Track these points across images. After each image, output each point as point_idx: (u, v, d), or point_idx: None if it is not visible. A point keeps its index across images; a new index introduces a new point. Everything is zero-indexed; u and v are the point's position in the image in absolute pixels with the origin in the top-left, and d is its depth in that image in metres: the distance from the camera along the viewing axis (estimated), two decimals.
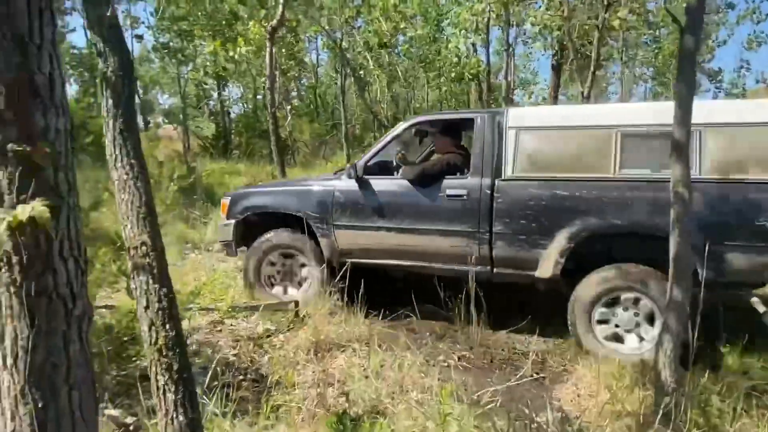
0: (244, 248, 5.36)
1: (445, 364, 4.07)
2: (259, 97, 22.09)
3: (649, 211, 3.98)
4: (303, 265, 5.21)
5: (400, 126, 5.14)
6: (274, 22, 10.55)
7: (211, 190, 11.01)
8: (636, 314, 4.09)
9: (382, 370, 3.72)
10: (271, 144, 12.03)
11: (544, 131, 4.46)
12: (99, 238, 3.52)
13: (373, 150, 5.06)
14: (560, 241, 4.21)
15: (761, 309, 3.86)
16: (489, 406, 3.17)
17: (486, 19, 13.88)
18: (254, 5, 13.37)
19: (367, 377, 3.57)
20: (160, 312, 1.74)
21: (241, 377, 3.59)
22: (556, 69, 14.66)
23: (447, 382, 3.43)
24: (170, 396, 1.70)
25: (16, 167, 1.11)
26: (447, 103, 22.01)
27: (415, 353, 4.04)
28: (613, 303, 4.14)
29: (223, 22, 15.49)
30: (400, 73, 20.91)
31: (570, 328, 4.26)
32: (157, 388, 1.74)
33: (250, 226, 5.32)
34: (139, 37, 20.75)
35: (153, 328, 1.75)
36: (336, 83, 20.31)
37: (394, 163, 5.34)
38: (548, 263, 4.26)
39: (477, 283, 4.36)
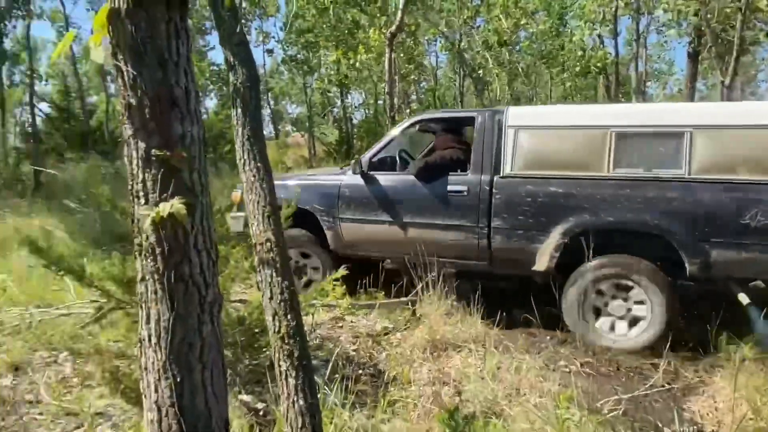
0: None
1: (566, 369, 3.93)
2: (379, 102, 22.63)
3: (640, 208, 4.16)
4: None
5: (403, 123, 5.33)
6: (393, 28, 10.78)
7: None
8: (626, 301, 4.30)
9: (499, 372, 3.68)
10: None
11: (542, 130, 4.62)
12: (233, 237, 3.83)
13: (377, 146, 5.28)
14: (555, 236, 4.40)
15: (745, 301, 4.08)
16: (611, 415, 3.02)
17: (613, 9, 13.15)
18: (375, 13, 13.77)
19: (482, 378, 3.55)
20: (282, 303, 1.88)
21: (360, 371, 3.73)
22: (693, 57, 13.50)
23: (567, 388, 3.33)
24: (291, 381, 1.84)
25: (158, 170, 1.28)
26: (572, 98, 21.12)
27: (534, 357, 3.95)
28: (604, 291, 4.35)
29: (346, 32, 16.09)
30: (521, 70, 20.40)
31: (563, 315, 4.42)
32: (280, 373, 1.88)
33: None
34: (270, 51, 22.21)
35: (276, 317, 1.89)
36: (455, 84, 20.26)
37: (397, 159, 5.50)
38: (544, 257, 4.44)
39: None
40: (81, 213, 8.19)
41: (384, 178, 5.11)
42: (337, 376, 3.30)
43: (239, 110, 2.06)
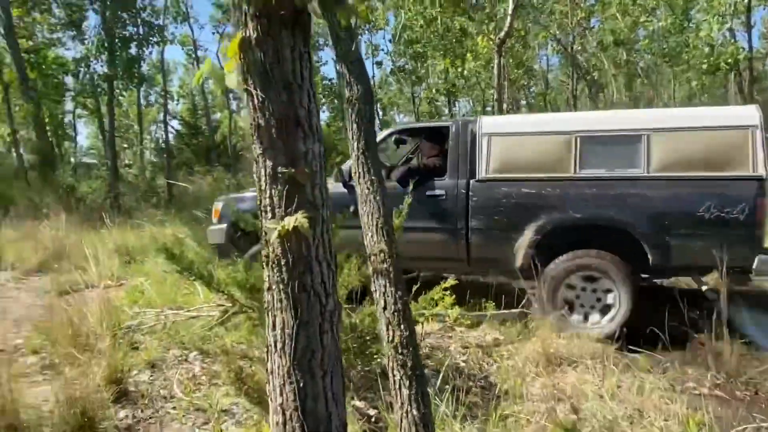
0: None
1: (696, 392, 3.64)
2: (487, 108, 22.36)
3: (605, 205, 4.57)
4: None
5: (381, 134, 5.61)
6: (502, 34, 10.61)
7: None
8: (595, 292, 4.63)
9: (619, 390, 3.49)
10: None
11: (513, 137, 4.97)
12: (346, 246, 3.95)
13: None
14: (528, 234, 4.74)
15: (704, 287, 4.65)
16: None
17: (746, 0, 12.06)
18: (483, 19, 13.65)
19: (601, 396, 3.38)
20: (395, 313, 1.92)
21: (470, 383, 3.69)
22: None
23: (697, 412, 3.08)
24: (405, 391, 1.86)
25: (284, 186, 1.36)
26: (699, 98, 19.58)
27: (658, 376, 3.70)
28: (575, 283, 4.67)
29: (453, 40, 16.09)
30: (639, 70, 19.24)
31: (537, 304, 4.65)
32: (394, 382, 1.92)
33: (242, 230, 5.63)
34: (379, 64, 22.74)
35: (390, 327, 1.93)
36: (567, 88, 19.53)
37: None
38: (519, 254, 4.77)
39: None
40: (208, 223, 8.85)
41: None
42: (447, 386, 3.28)
43: (354, 125, 2.13)
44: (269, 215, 1.38)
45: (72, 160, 22.23)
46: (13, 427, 2.99)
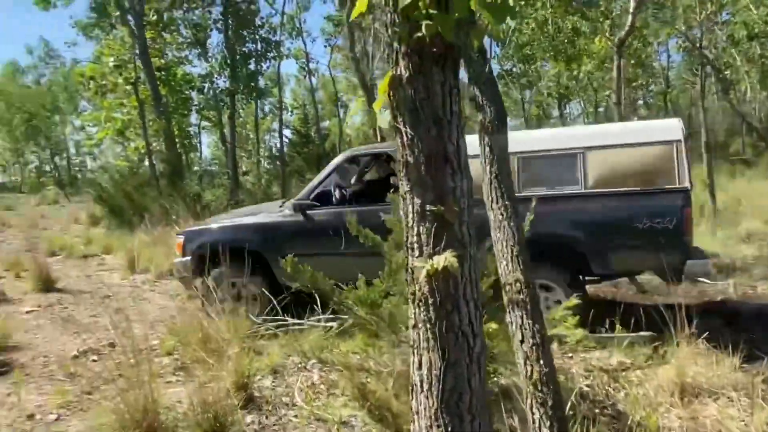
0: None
1: None
2: (599, 109, 21.35)
3: (547, 221, 4.63)
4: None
5: (337, 159, 5.82)
6: (622, 33, 10.03)
7: None
8: (546, 299, 4.82)
9: None
10: None
11: None
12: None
13: (315, 182, 5.69)
14: (482, 251, 4.28)
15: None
16: None
17: None
18: (597, 18, 13.03)
19: None
20: (534, 347, 1.83)
21: (597, 411, 3.48)
22: None
23: None
24: (545, 431, 1.77)
25: (432, 224, 1.34)
26: None
27: None
28: None
29: (565, 41, 15.49)
30: None
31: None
32: (533, 421, 1.83)
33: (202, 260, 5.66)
34: None
35: (528, 362, 1.85)
36: (693, 86, 18.15)
37: (334, 193, 5.93)
38: None
39: None
40: None
41: (323, 213, 5.52)
42: (571, 412, 3.11)
43: (487, 149, 2.07)
44: (416, 253, 1.36)
45: (197, 168, 23.91)
46: (152, 428, 3.21)
